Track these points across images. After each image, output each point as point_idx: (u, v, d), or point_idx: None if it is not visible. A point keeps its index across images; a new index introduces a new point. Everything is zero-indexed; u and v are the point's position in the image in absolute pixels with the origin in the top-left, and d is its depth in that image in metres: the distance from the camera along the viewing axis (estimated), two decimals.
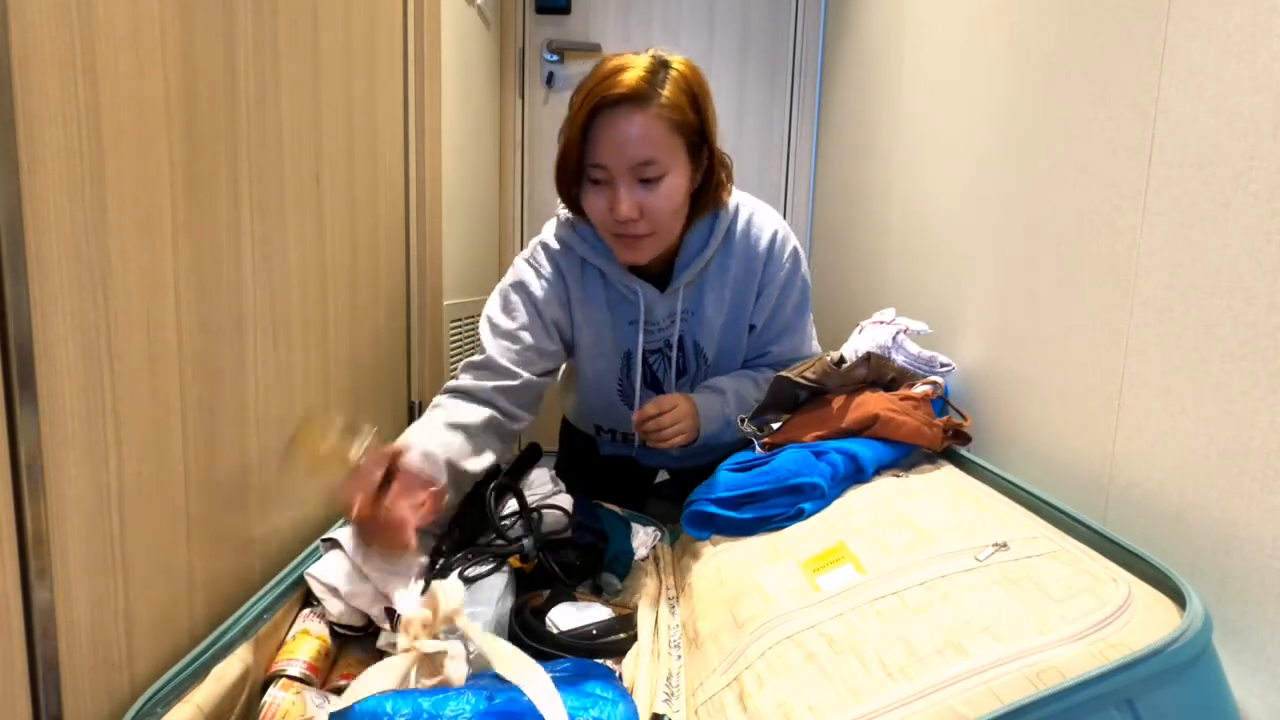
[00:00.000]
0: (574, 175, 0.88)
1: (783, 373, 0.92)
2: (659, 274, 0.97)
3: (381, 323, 1.11)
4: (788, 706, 0.52)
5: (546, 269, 0.97)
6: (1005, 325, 0.89)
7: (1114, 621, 0.46)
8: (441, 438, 0.83)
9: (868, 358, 0.89)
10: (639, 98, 0.82)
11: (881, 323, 0.98)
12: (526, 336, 0.94)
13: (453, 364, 1.53)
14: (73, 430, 0.49)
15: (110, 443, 0.53)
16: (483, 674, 0.58)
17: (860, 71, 1.66)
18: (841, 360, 0.90)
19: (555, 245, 0.98)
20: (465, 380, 0.92)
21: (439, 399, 0.91)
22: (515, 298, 0.96)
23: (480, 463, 0.86)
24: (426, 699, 0.51)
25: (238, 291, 0.69)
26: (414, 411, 1.28)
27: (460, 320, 1.59)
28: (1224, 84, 0.56)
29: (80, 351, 0.50)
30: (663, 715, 0.57)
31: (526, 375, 0.93)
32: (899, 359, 0.94)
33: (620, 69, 0.83)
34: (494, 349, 0.93)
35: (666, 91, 0.84)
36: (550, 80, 2.08)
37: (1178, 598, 0.49)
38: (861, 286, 1.52)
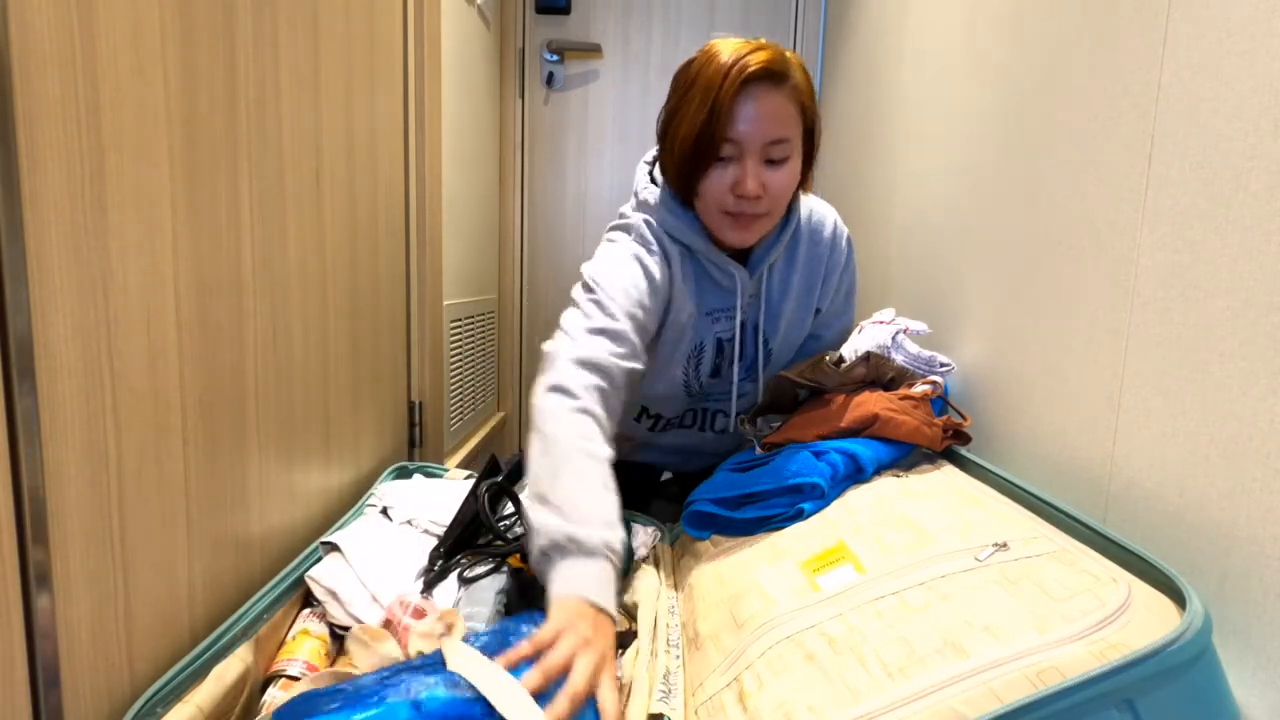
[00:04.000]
0: (706, 155, 0.85)
1: (782, 373, 0.92)
2: (740, 257, 0.97)
3: (381, 323, 1.11)
4: (788, 706, 0.52)
5: (655, 246, 0.92)
6: (1005, 325, 0.89)
7: (1114, 621, 0.46)
8: (610, 490, 0.70)
9: (867, 357, 0.89)
10: (779, 76, 0.84)
11: (881, 323, 0.99)
12: (641, 314, 0.86)
13: (453, 364, 1.53)
14: (73, 430, 0.49)
15: (110, 443, 0.53)
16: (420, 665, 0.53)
17: (860, 71, 1.66)
18: (841, 360, 0.90)
19: (655, 223, 0.94)
20: (598, 348, 0.79)
21: (582, 390, 0.75)
22: (634, 270, 0.88)
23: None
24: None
25: (238, 291, 0.69)
26: (414, 411, 1.28)
27: (460, 320, 1.59)
28: (1224, 84, 0.56)
29: (80, 351, 0.50)
30: (660, 715, 0.57)
31: (642, 361, 0.85)
32: (898, 359, 0.94)
33: (752, 49, 0.84)
34: (620, 320, 0.82)
35: (796, 74, 0.86)
36: (550, 80, 2.08)
37: (1178, 598, 0.49)
38: (862, 286, 1.52)
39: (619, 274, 0.87)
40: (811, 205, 1.02)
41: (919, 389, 0.88)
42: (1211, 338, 0.56)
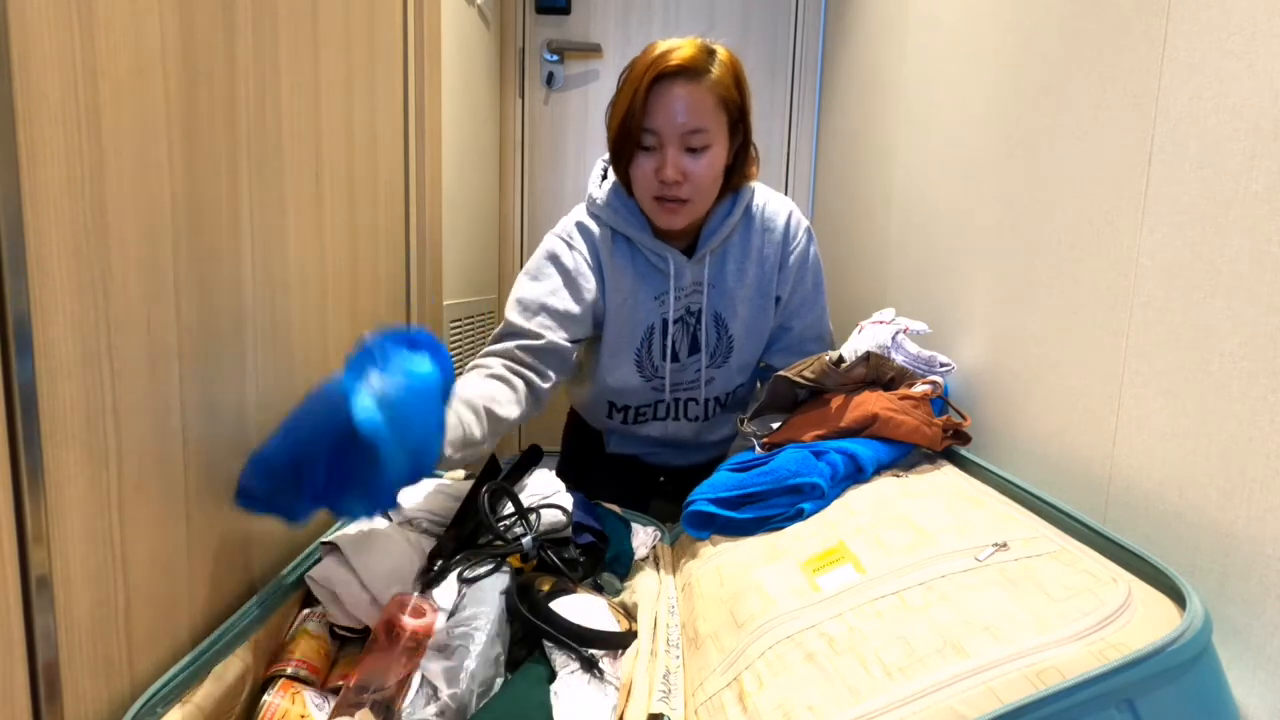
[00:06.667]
0: (628, 141, 0.95)
1: (781, 372, 0.92)
2: (685, 247, 1.04)
3: (382, 322, 1.11)
4: (787, 706, 0.52)
5: (578, 240, 1.03)
6: (1005, 325, 0.89)
7: (1114, 621, 0.46)
8: (481, 388, 0.87)
9: (867, 357, 0.89)
10: (693, 71, 0.92)
11: (881, 323, 0.98)
12: (553, 301, 0.99)
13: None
14: (73, 430, 0.49)
15: (110, 443, 0.53)
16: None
17: (860, 71, 1.66)
18: (840, 360, 0.90)
19: (588, 220, 1.04)
20: (490, 346, 0.97)
21: (472, 364, 0.95)
22: (547, 267, 1.01)
23: (516, 409, 0.89)
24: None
25: (238, 291, 0.69)
26: None
27: (460, 320, 1.59)
28: (1224, 84, 0.56)
29: (80, 351, 0.50)
30: (660, 715, 0.57)
31: (549, 337, 0.97)
32: (898, 359, 0.94)
33: (674, 48, 0.93)
34: (515, 315, 0.98)
35: (716, 70, 0.93)
36: (550, 80, 2.08)
37: (1178, 598, 0.49)
38: (861, 286, 1.52)
39: (531, 277, 1.02)
40: (768, 197, 1.08)
41: (919, 389, 0.88)
42: (1211, 338, 0.56)
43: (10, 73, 0.43)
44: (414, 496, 0.92)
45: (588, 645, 0.67)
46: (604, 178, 1.07)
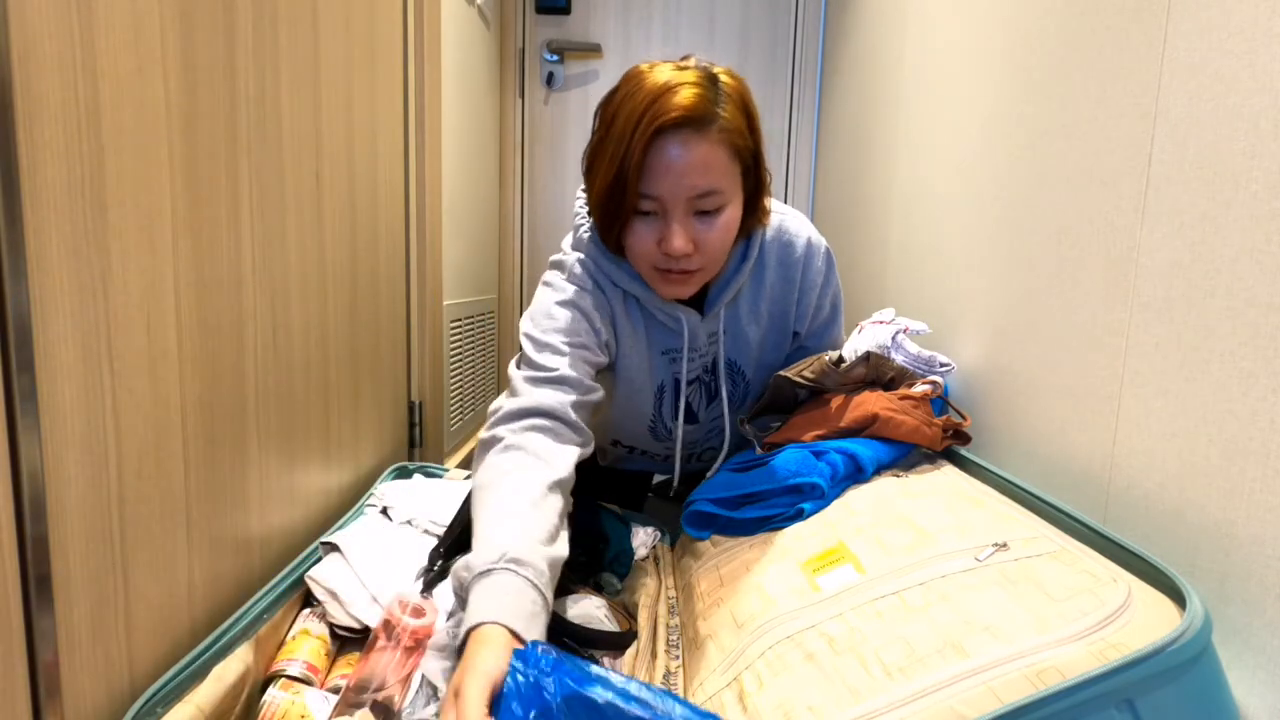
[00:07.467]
0: (621, 206, 0.78)
1: (781, 372, 0.92)
2: (693, 297, 0.90)
3: (381, 323, 1.11)
4: (787, 706, 0.52)
5: (590, 286, 0.88)
6: (1005, 325, 0.89)
7: (1114, 621, 0.46)
8: (548, 517, 0.64)
9: (867, 357, 0.89)
10: (700, 120, 0.73)
11: (881, 322, 0.99)
12: (587, 354, 0.83)
13: (453, 364, 1.53)
14: (73, 430, 0.49)
15: (110, 443, 0.53)
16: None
17: (860, 71, 1.66)
18: (840, 360, 0.90)
19: (591, 264, 0.89)
20: (544, 396, 0.75)
21: (513, 434, 0.72)
22: (567, 313, 0.84)
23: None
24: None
25: (238, 291, 0.69)
26: (414, 412, 1.28)
27: (460, 320, 1.59)
28: (1224, 84, 0.56)
29: (80, 351, 0.50)
30: None
31: (601, 390, 0.81)
32: (898, 359, 0.94)
33: (671, 86, 0.74)
34: (562, 363, 0.79)
35: (725, 111, 0.75)
36: (550, 80, 2.08)
37: (1178, 598, 0.49)
38: (861, 286, 1.52)
39: (553, 320, 0.83)
40: (781, 221, 0.93)
41: (919, 389, 0.88)
42: (1211, 338, 0.56)
43: (10, 73, 0.43)
44: (414, 497, 0.93)
45: (588, 645, 0.67)
46: (589, 213, 0.90)
